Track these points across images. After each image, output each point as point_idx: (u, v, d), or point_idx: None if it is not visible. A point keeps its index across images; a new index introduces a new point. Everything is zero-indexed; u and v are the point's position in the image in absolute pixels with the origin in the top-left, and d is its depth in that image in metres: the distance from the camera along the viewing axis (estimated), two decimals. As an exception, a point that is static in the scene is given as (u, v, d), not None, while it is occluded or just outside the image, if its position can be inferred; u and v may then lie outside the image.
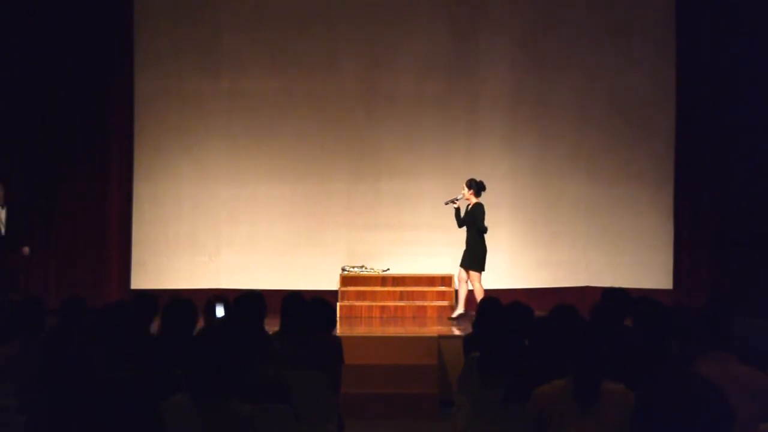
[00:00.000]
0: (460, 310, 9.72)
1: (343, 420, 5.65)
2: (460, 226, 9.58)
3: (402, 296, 10.17)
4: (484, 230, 9.44)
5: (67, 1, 10.67)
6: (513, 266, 10.92)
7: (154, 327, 5.37)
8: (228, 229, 11.02)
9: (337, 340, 5.71)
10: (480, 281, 9.51)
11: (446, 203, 9.68)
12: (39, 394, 3.67)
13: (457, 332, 8.86)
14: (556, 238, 10.97)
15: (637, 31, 10.90)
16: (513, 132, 11.04)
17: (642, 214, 10.87)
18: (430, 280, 10.45)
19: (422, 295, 10.21)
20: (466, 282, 9.58)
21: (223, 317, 5.38)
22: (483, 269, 9.54)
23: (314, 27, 11.02)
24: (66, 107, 10.60)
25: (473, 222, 9.46)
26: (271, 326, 5.66)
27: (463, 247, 9.60)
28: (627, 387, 3.85)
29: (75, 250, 10.65)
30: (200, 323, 5.20)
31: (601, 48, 10.93)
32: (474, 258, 9.47)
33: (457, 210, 9.57)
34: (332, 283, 10.44)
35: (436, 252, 10.36)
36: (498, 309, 5.85)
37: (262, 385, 4.29)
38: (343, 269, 10.56)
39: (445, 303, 10.32)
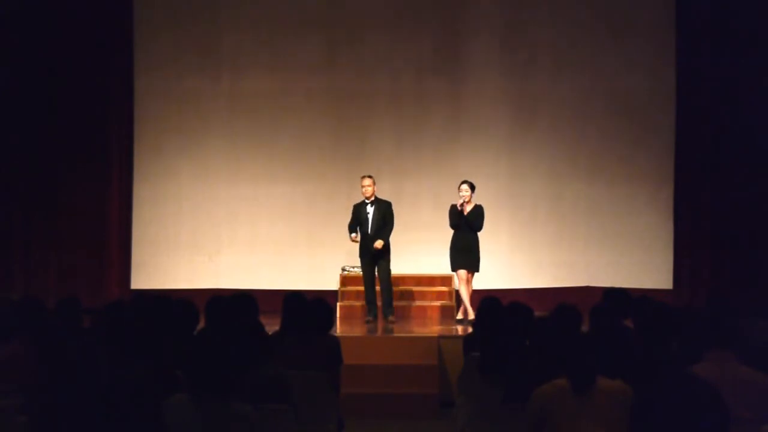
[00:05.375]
0: (471, 314, 9.29)
1: (343, 420, 5.65)
2: (460, 227, 9.41)
3: (402, 296, 10.16)
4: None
5: (67, 2, 10.67)
6: (513, 266, 10.91)
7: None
8: (228, 229, 11.01)
9: (336, 341, 5.71)
10: None
11: (459, 209, 9.37)
12: (39, 394, 3.67)
13: (460, 332, 8.85)
14: (556, 238, 10.96)
15: (637, 31, 10.90)
16: (513, 132, 11.03)
17: (642, 214, 10.87)
18: (430, 280, 10.44)
19: (422, 295, 10.21)
20: (469, 283, 9.46)
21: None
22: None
23: (314, 27, 11.02)
24: (66, 107, 10.59)
25: (479, 223, 9.40)
26: (271, 326, 5.68)
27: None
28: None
29: (75, 250, 10.64)
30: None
31: (601, 48, 10.93)
32: (477, 259, 9.42)
33: (461, 212, 9.44)
34: (332, 283, 10.43)
35: (436, 252, 10.33)
36: (498, 309, 5.86)
37: (262, 385, 4.29)
38: (343, 269, 10.55)
39: (445, 303, 10.32)
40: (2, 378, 4.59)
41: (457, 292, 9.72)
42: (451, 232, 9.52)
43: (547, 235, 10.94)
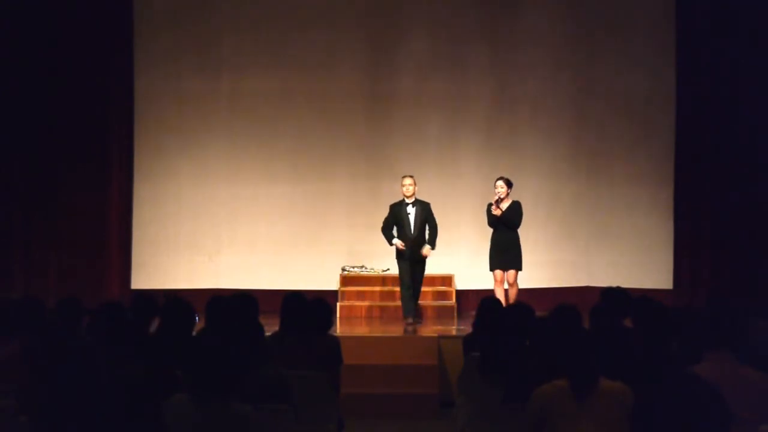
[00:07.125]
0: None
1: (343, 420, 5.65)
2: (498, 225, 9.23)
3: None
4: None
5: (67, 1, 10.66)
6: (513, 266, 10.90)
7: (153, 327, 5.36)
8: (228, 229, 11.01)
9: (335, 341, 5.70)
10: None
11: (494, 208, 9.18)
12: (39, 394, 3.66)
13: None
14: (556, 238, 10.97)
15: (637, 31, 10.90)
16: (512, 132, 11.03)
17: (642, 214, 10.86)
18: (430, 280, 10.42)
19: (422, 295, 10.18)
20: (513, 282, 9.28)
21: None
22: None
23: (314, 27, 11.01)
24: (66, 107, 10.59)
25: (516, 221, 9.29)
26: (271, 326, 5.68)
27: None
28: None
29: (75, 250, 10.63)
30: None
31: (600, 47, 10.93)
32: (517, 257, 9.26)
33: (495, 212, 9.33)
34: (332, 283, 10.44)
35: (436, 252, 10.32)
36: (498, 309, 5.86)
37: (262, 385, 4.30)
38: (343, 269, 10.55)
39: (445, 303, 10.31)
40: (2, 378, 4.59)
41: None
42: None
43: (547, 235, 10.93)
